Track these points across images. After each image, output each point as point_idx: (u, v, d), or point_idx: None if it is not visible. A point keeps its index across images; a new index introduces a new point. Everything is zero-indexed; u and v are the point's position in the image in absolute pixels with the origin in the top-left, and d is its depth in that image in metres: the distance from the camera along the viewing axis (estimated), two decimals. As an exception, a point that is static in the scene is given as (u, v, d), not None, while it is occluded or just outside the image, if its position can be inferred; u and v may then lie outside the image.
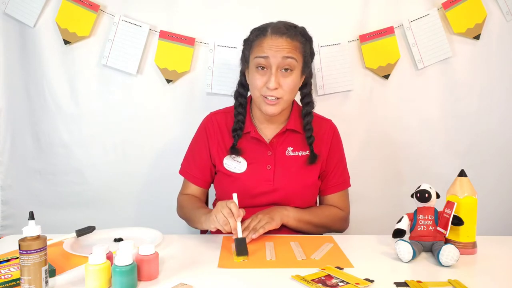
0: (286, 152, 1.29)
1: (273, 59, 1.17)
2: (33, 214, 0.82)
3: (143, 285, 0.85)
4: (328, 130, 1.34)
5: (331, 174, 1.33)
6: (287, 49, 1.17)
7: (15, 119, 1.74)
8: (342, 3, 1.66)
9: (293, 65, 1.19)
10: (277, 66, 1.17)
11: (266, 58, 1.17)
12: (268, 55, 1.17)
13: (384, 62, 1.66)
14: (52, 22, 1.64)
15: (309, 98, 1.29)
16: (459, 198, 1.06)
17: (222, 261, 0.98)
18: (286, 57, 1.17)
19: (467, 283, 0.85)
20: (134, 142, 1.71)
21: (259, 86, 1.20)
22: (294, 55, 1.18)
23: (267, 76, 1.18)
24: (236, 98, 1.32)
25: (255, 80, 1.21)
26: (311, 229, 1.27)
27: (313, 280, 0.86)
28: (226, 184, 1.29)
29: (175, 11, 1.65)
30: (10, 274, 0.87)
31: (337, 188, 1.34)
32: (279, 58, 1.17)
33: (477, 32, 1.66)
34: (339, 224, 1.34)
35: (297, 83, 1.23)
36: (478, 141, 1.74)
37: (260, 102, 1.23)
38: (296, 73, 1.20)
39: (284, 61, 1.17)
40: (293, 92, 1.23)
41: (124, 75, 1.67)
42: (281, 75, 1.18)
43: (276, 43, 1.17)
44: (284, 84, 1.18)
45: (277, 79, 1.17)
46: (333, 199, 1.34)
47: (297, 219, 1.23)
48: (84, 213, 1.72)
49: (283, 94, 1.19)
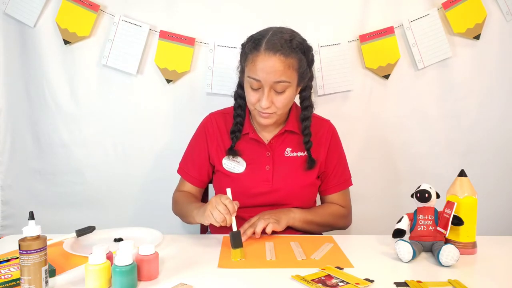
0: (285, 153, 1.29)
1: (265, 82, 1.16)
2: (33, 214, 0.82)
3: (143, 285, 0.85)
4: (326, 132, 1.34)
5: (331, 175, 1.33)
6: (279, 71, 1.14)
7: (15, 119, 1.74)
8: (342, 3, 1.66)
9: (286, 86, 1.18)
10: (269, 87, 1.17)
11: (258, 81, 1.16)
12: (259, 78, 1.15)
13: (384, 62, 1.66)
14: (52, 22, 1.64)
15: (308, 102, 1.28)
16: (459, 198, 1.06)
17: (222, 261, 0.98)
18: (277, 82, 1.15)
19: (467, 283, 0.85)
20: (134, 142, 1.71)
21: (253, 102, 1.20)
22: (286, 78, 1.16)
23: (260, 94, 1.18)
24: (235, 99, 1.32)
25: (249, 95, 1.21)
26: (315, 229, 1.29)
27: (313, 280, 0.86)
28: (225, 184, 1.29)
29: (175, 11, 1.65)
30: (10, 274, 0.87)
31: (338, 188, 1.35)
32: (271, 81, 1.15)
33: (477, 32, 1.66)
34: (342, 221, 1.35)
35: (291, 98, 1.22)
36: (478, 141, 1.74)
37: (254, 114, 1.25)
38: (290, 90, 1.19)
39: (276, 85, 1.16)
40: (287, 106, 1.23)
41: (124, 75, 1.67)
42: (273, 94, 1.18)
43: (268, 64, 1.14)
44: (277, 102, 1.19)
45: (270, 98, 1.18)
46: (334, 198, 1.36)
47: (302, 221, 1.24)
48: (84, 213, 1.72)
49: (276, 110, 1.20)
